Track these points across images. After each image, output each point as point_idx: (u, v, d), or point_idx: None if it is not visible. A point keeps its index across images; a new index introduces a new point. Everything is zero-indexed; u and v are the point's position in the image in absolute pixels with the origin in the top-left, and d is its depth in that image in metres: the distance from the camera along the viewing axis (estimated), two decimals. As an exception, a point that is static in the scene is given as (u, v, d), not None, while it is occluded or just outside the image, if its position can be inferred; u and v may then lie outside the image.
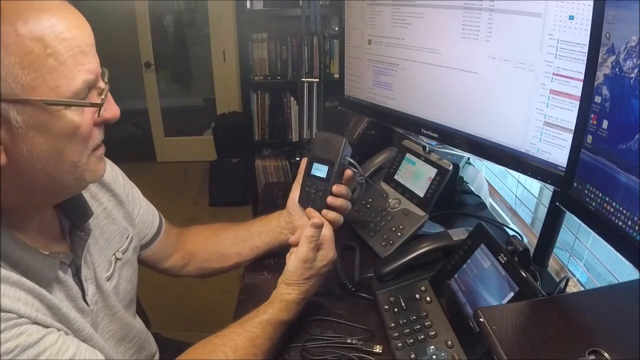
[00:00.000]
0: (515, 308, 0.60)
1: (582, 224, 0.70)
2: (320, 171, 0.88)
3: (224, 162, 3.15)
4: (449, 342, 0.73)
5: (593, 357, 0.46)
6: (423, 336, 0.75)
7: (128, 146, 3.99)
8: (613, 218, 0.62)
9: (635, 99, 0.57)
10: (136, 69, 3.47)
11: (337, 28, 2.39)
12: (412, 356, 0.73)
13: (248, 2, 2.65)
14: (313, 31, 2.44)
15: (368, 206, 1.12)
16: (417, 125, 1.05)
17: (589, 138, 0.66)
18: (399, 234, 1.01)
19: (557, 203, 0.75)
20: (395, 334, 0.78)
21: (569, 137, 0.74)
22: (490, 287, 0.72)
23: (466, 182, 1.34)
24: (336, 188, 0.88)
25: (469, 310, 0.73)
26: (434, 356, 0.71)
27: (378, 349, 0.77)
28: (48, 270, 0.59)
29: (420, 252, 0.87)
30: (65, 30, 0.51)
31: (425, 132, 1.04)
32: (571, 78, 0.72)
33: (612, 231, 0.62)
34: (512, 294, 0.68)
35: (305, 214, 0.89)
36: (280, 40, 2.73)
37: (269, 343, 0.73)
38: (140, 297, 0.91)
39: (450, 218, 1.16)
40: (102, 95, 0.57)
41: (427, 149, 1.05)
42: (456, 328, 0.75)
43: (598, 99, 0.64)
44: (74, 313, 0.63)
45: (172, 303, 2.09)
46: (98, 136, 0.59)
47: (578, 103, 0.70)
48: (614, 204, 0.62)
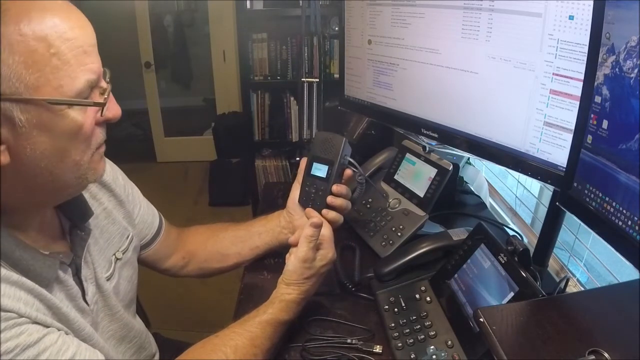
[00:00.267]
0: (515, 308, 0.60)
1: (582, 224, 0.70)
2: (320, 171, 0.88)
3: (224, 162, 3.15)
4: (449, 342, 0.73)
5: (593, 357, 0.46)
6: (423, 336, 0.75)
7: (128, 146, 3.99)
8: (613, 218, 0.62)
9: (635, 99, 0.57)
10: (136, 69, 3.47)
11: (337, 28, 2.39)
12: (412, 356, 0.73)
13: (248, 2, 2.64)
14: (313, 31, 2.44)
15: (368, 206, 1.12)
16: (417, 125, 1.05)
17: (589, 138, 0.66)
18: (399, 234, 1.01)
19: (557, 203, 0.75)
20: (395, 334, 0.78)
21: (569, 137, 0.74)
22: (490, 287, 0.72)
23: (466, 182, 1.34)
24: (336, 188, 0.88)
25: (469, 310, 0.73)
26: (434, 356, 0.71)
27: (378, 349, 0.77)
28: (48, 270, 0.59)
29: (420, 252, 0.88)
30: (68, 30, 0.51)
31: (425, 132, 1.04)
32: (571, 78, 0.72)
33: (612, 231, 0.62)
34: (512, 294, 0.68)
35: (305, 214, 0.89)
36: (280, 40, 2.72)
37: (269, 343, 0.74)
38: (140, 297, 0.91)
39: (450, 218, 1.16)
40: (105, 94, 0.57)
41: (427, 149, 1.05)
42: (456, 328, 0.75)
43: (598, 99, 0.64)
44: (74, 313, 0.63)
45: (172, 303, 2.09)
46: (100, 135, 0.60)
47: (578, 103, 0.70)
48: (614, 204, 0.62)
